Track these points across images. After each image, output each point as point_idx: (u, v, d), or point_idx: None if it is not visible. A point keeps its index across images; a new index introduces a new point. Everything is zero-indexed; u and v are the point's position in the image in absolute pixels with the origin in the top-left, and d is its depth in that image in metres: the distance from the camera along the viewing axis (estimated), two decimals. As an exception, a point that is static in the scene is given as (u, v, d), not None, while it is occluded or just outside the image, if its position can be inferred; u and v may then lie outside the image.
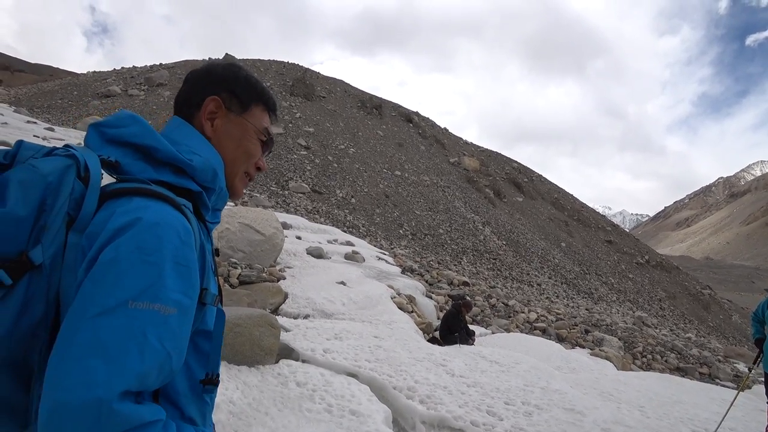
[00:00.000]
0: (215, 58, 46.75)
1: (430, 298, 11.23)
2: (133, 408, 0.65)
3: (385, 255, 14.95)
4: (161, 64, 45.72)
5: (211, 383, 0.86)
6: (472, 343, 8.23)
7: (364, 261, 12.04)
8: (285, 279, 8.49)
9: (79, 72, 54.31)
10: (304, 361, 4.43)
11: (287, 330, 5.15)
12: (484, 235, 31.64)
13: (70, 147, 0.82)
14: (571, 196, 55.65)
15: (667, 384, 6.72)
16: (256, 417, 3.23)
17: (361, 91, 50.61)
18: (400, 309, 8.18)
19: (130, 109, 0.94)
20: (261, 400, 3.47)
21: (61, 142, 15.36)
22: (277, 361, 4.20)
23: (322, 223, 19.15)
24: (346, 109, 43.54)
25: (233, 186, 1.00)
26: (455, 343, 7.69)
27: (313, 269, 9.54)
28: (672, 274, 45.34)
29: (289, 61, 50.33)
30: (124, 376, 0.64)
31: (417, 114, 51.92)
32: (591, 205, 60.26)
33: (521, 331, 11.74)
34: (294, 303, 7.36)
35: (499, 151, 56.30)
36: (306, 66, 50.40)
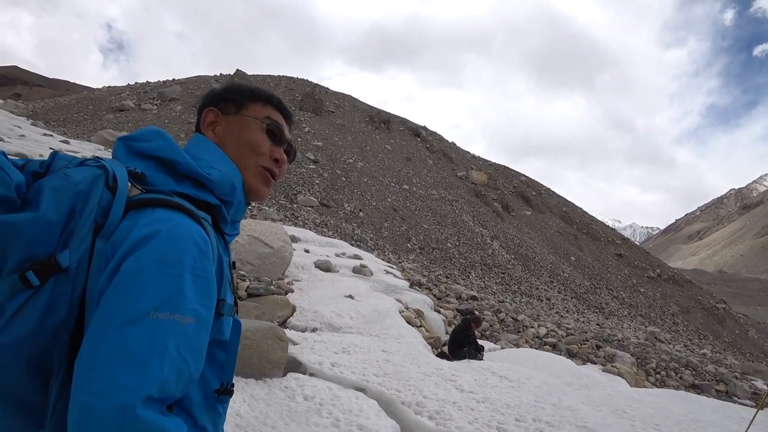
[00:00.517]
0: (226, 74, 47.62)
1: (439, 312, 11.14)
2: (156, 417, 0.67)
3: (393, 269, 14.90)
4: (174, 80, 46.65)
5: (226, 393, 0.88)
6: (481, 358, 8.13)
7: (372, 275, 12.01)
8: (293, 292, 8.48)
9: (94, 87, 55.62)
10: (311, 374, 4.40)
11: (295, 343, 5.13)
12: (493, 249, 31.46)
13: (100, 158, 0.85)
14: (580, 209, 55.25)
15: (682, 402, 6.56)
16: (263, 430, 3.21)
17: (370, 106, 51.13)
18: (409, 323, 8.12)
19: (143, 123, 0.96)
20: (268, 414, 3.45)
21: (77, 155, 15.66)
22: (284, 375, 4.18)
23: (330, 236, 19.18)
24: (355, 123, 43.94)
25: (248, 183, 0.99)
26: (464, 358, 7.60)
27: (321, 282, 9.53)
28: (685, 287, 44.59)
29: (299, 77, 51.11)
30: (146, 383, 0.67)
31: (425, 128, 52.21)
32: (600, 218, 59.77)
33: (531, 347, 11.57)
34: (302, 316, 7.34)
35: (506, 165, 56.29)
36: (315, 81, 51.16)
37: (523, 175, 55.09)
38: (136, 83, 46.76)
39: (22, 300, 0.71)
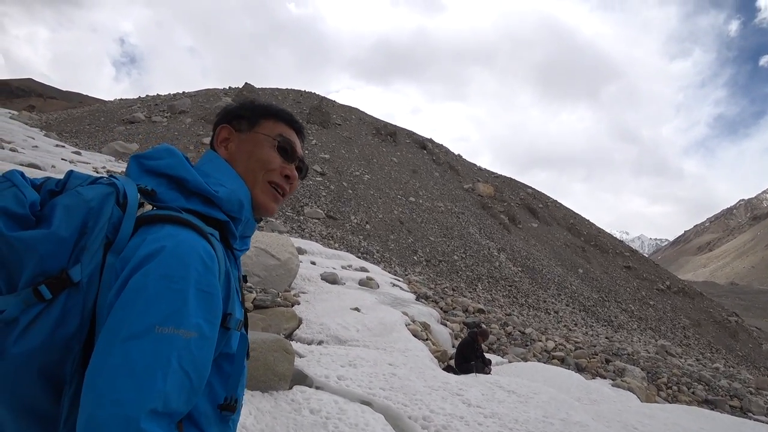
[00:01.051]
0: (235, 87, 48.28)
1: (445, 325, 11.07)
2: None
3: (399, 281, 14.85)
4: (184, 93, 47.32)
5: (228, 408, 0.88)
6: (489, 372, 8.04)
7: (379, 287, 11.98)
8: (299, 304, 8.48)
9: (106, 99, 56.53)
10: (317, 387, 4.39)
11: (301, 356, 5.12)
12: (500, 262, 31.26)
13: (112, 177, 0.88)
14: (587, 221, 54.86)
15: (695, 417, 6.43)
16: (269, 445, 3.19)
17: (376, 118, 51.45)
18: (415, 336, 8.07)
19: (153, 136, 1.00)
20: (274, 427, 3.43)
21: (87, 166, 15.89)
22: (290, 387, 4.16)
23: (336, 248, 19.18)
24: (361, 136, 44.21)
25: (256, 199, 1.00)
26: (471, 371, 7.52)
27: (328, 295, 9.52)
28: (695, 300, 43.90)
29: (307, 90, 51.68)
30: (149, 396, 0.68)
31: (431, 141, 52.38)
32: (608, 230, 59.24)
33: (539, 360, 11.43)
34: (308, 328, 7.33)
35: (513, 177, 56.15)
36: (322, 94, 51.69)
37: (530, 187, 54.92)
38: (147, 96, 47.48)
39: (35, 313, 0.74)
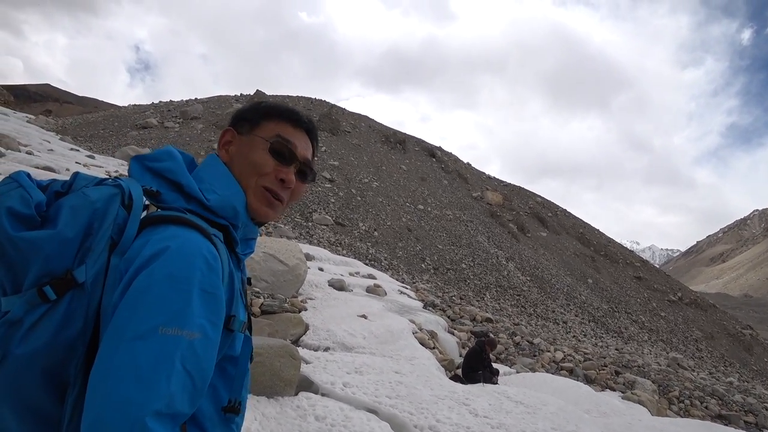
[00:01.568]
0: (246, 94, 48.85)
1: (453, 334, 10.99)
2: None
3: (406, 289, 14.80)
4: (196, 99, 47.98)
5: (231, 411, 0.88)
6: (496, 382, 7.95)
7: (386, 294, 11.94)
8: (306, 310, 8.47)
9: (120, 105, 57.53)
10: (323, 394, 4.37)
11: (307, 362, 5.11)
12: (508, 271, 31.03)
13: (118, 178, 0.89)
14: (597, 230, 54.30)
15: (707, 433, 6.30)
16: (274, 451, 3.18)
17: (385, 126, 51.64)
18: (422, 344, 8.02)
19: (165, 141, 1.00)
20: (280, 434, 3.42)
21: (101, 169, 16.19)
22: (296, 393, 4.15)
23: (344, 255, 19.19)
24: (371, 143, 44.37)
25: (250, 204, 0.97)
26: (478, 381, 7.45)
27: (335, 301, 9.52)
28: (708, 312, 43.10)
29: (317, 98, 52.07)
30: (154, 397, 0.68)
31: (440, 149, 52.38)
32: (618, 240, 58.55)
33: (547, 371, 11.28)
34: (315, 335, 7.32)
35: (522, 186, 55.86)
36: (332, 102, 52.06)
37: (539, 196, 54.58)
38: (160, 102, 48.23)
39: (39, 314, 0.74)
